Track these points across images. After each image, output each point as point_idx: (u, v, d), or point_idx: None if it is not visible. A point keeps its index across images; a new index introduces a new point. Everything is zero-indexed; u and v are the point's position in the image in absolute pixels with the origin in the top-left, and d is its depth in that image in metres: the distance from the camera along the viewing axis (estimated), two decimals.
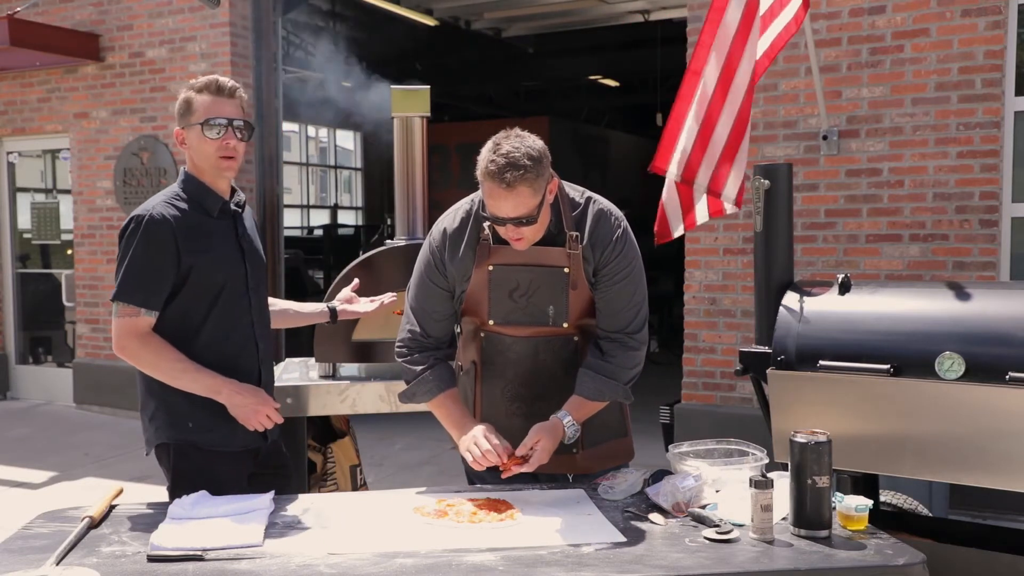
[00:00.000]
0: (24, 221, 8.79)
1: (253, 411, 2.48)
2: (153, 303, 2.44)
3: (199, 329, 2.51)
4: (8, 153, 8.64)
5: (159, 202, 2.49)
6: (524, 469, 2.35)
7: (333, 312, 2.96)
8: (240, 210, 2.64)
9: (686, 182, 3.36)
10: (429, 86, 3.71)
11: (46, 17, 7.74)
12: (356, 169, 15.87)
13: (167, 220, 2.44)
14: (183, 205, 2.50)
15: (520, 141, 2.28)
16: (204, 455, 2.53)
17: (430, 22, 9.00)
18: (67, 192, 8.29)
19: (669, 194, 3.51)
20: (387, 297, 3.00)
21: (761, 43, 3.39)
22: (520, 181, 2.24)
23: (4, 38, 7.04)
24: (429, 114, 3.71)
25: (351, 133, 15.36)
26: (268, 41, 7.21)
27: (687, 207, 3.50)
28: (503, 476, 2.38)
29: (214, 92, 2.48)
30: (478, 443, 2.36)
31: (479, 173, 2.30)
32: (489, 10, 9.28)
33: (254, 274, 2.62)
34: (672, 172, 3.38)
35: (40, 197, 8.84)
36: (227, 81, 2.52)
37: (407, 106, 3.69)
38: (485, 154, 2.30)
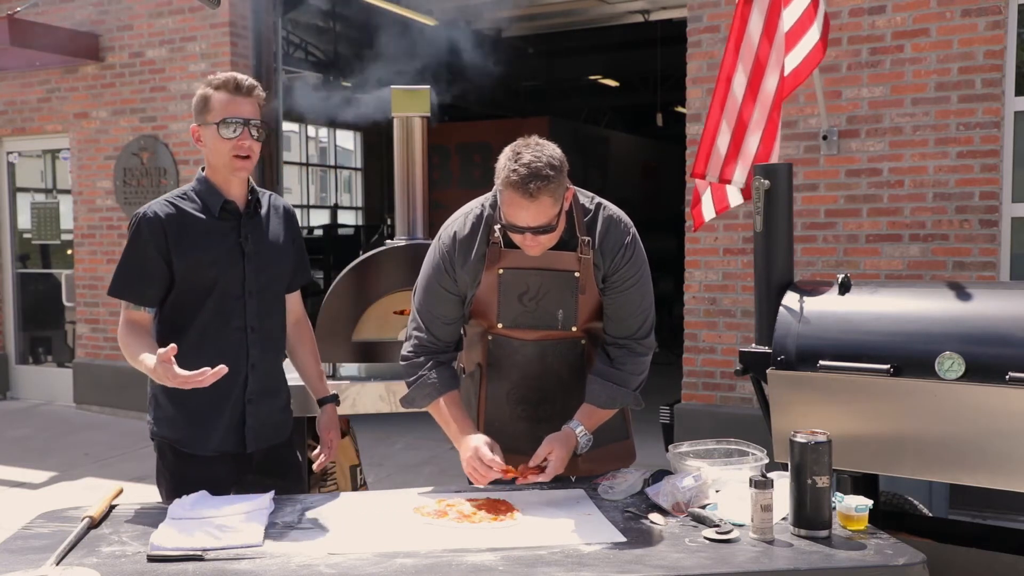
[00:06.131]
0: (24, 221, 8.79)
1: (173, 384, 2.30)
2: (140, 298, 2.47)
3: (186, 326, 2.50)
4: (8, 153, 8.64)
5: (160, 200, 2.52)
6: (541, 479, 2.36)
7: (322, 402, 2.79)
8: (260, 210, 2.59)
9: (723, 182, 3.45)
10: (429, 86, 3.71)
11: (46, 17, 7.73)
12: (356, 169, 15.86)
13: (158, 218, 2.46)
14: (184, 203, 2.51)
15: (540, 150, 2.27)
16: (177, 455, 2.54)
17: (430, 22, 9.00)
18: (67, 192, 8.29)
19: (704, 188, 3.62)
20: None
21: (789, 61, 3.44)
22: (543, 191, 2.23)
23: (4, 38, 7.03)
24: (429, 114, 3.71)
25: (351, 133, 15.36)
26: (268, 41, 7.21)
27: (718, 198, 3.62)
28: (518, 482, 2.38)
29: (232, 90, 2.46)
30: (481, 457, 2.34)
31: (500, 182, 2.28)
32: (489, 10, 9.27)
33: (256, 277, 2.55)
34: (710, 175, 3.46)
35: (40, 197, 8.84)
36: (245, 79, 2.49)
37: (407, 106, 3.69)
38: (505, 163, 2.27)
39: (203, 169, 2.56)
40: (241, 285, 2.53)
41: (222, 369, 2.24)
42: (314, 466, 2.77)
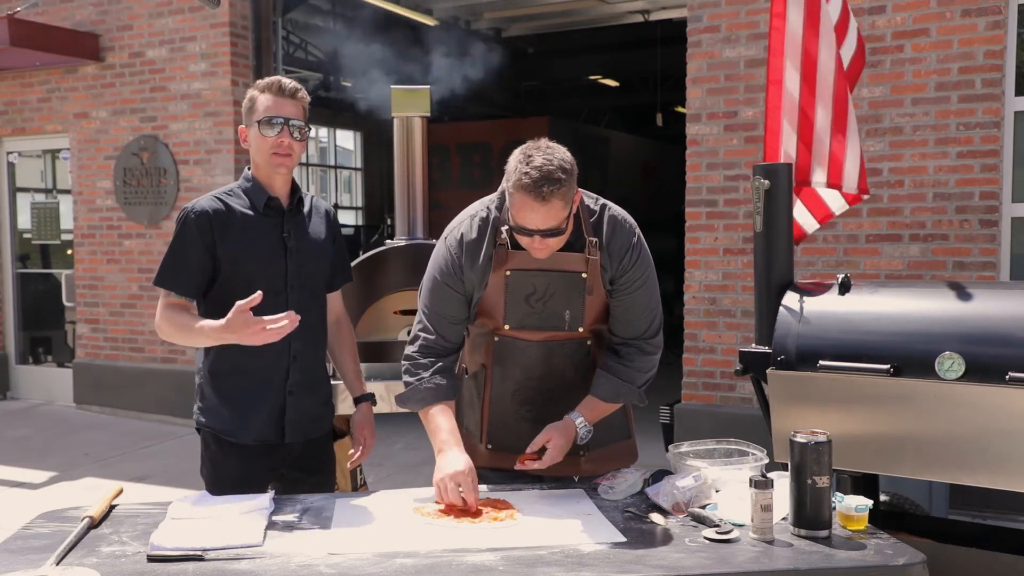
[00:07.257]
0: (24, 221, 8.79)
1: (248, 336, 2.36)
2: (181, 288, 2.57)
3: None
4: (8, 153, 8.65)
5: (208, 196, 2.64)
6: (537, 466, 2.36)
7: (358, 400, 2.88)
8: (303, 209, 2.69)
9: (802, 184, 3.35)
10: (428, 86, 3.71)
11: (46, 17, 7.74)
12: (356, 169, 15.86)
13: (206, 212, 2.58)
14: (231, 199, 2.62)
15: (551, 153, 2.26)
16: (220, 444, 2.63)
17: (430, 22, 9.00)
18: (67, 192, 8.29)
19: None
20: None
21: (844, 53, 3.42)
22: (555, 194, 2.23)
23: (4, 38, 7.04)
24: (429, 114, 3.71)
25: (351, 133, 15.35)
26: (268, 41, 7.21)
27: (814, 205, 3.50)
28: (516, 468, 2.39)
29: (276, 92, 2.58)
30: (455, 483, 2.23)
31: (510, 185, 2.28)
32: (489, 10, 9.28)
33: (299, 272, 2.64)
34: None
35: (40, 197, 8.84)
36: (289, 82, 2.61)
37: (407, 106, 3.69)
38: (516, 166, 2.26)
39: (249, 168, 2.67)
40: (283, 279, 2.62)
41: (294, 319, 2.32)
42: (347, 464, 2.87)
